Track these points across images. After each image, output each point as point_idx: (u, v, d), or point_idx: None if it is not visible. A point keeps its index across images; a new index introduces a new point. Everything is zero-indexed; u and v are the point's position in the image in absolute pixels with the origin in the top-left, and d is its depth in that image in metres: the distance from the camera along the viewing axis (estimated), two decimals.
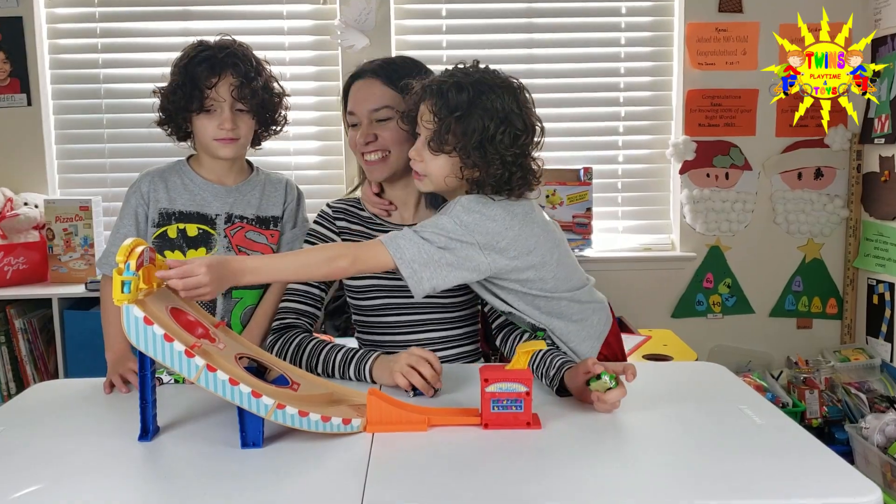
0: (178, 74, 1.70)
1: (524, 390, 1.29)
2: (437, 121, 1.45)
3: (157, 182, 1.77)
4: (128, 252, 1.22)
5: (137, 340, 1.20)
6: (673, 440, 1.28)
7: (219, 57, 1.69)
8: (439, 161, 1.48)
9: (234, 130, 1.71)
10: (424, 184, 1.53)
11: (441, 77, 1.49)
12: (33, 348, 2.78)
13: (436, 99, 1.45)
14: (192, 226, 1.76)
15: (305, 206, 1.91)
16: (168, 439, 1.28)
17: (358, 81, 1.69)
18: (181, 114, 1.71)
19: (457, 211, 1.45)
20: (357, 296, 1.70)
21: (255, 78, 1.72)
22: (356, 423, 1.28)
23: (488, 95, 1.43)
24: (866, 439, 2.46)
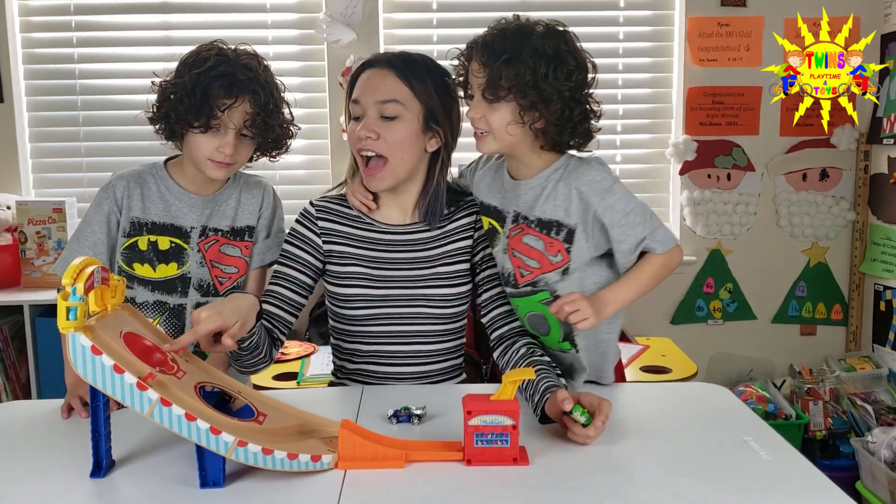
0: (188, 80, 1.54)
1: (510, 423, 1.20)
2: (487, 71, 1.45)
3: (133, 187, 1.66)
4: (76, 273, 1.12)
5: (85, 372, 1.11)
6: (671, 478, 1.19)
7: (239, 78, 1.54)
8: (498, 111, 1.47)
9: (233, 156, 1.59)
10: (488, 142, 1.52)
11: (481, 34, 1.50)
12: (4, 357, 2.68)
13: (482, 50, 1.47)
14: (164, 238, 1.65)
15: (283, 214, 1.80)
16: (123, 475, 1.20)
17: (370, 70, 1.56)
18: (181, 123, 1.57)
19: (612, 192, 1.51)
20: (342, 304, 1.59)
21: (272, 110, 1.60)
22: (326, 460, 1.19)
23: (534, 37, 1.46)
24: (873, 454, 2.38)
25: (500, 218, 1.60)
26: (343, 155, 2.96)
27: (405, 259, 1.60)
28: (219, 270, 1.69)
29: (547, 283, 1.55)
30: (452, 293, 1.60)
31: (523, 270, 1.56)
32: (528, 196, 1.54)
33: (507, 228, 1.58)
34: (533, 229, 1.54)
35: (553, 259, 1.54)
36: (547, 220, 1.53)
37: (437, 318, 1.60)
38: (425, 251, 1.61)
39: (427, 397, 1.45)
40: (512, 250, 1.57)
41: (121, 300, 1.26)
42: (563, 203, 1.51)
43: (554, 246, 1.54)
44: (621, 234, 1.50)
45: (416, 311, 1.59)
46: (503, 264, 1.59)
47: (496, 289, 1.62)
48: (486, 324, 1.62)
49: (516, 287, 1.58)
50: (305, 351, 2.60)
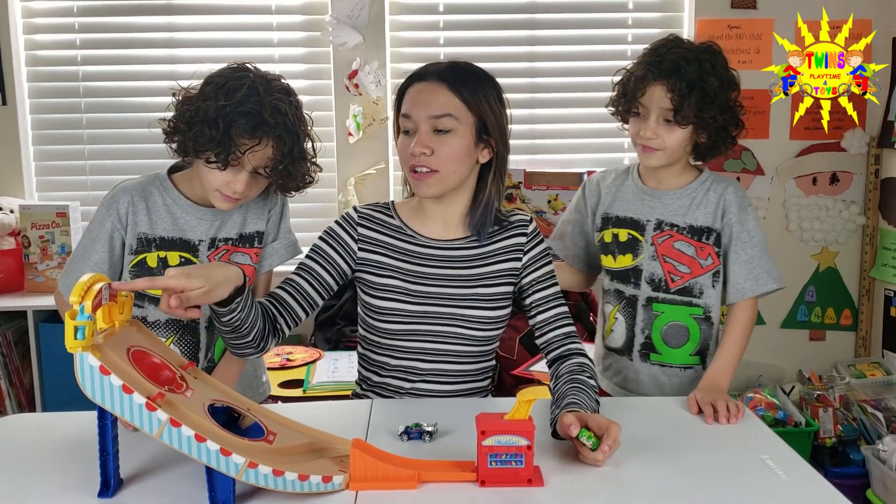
0: (213, 108, 1.43)
1: (525, 444, 1.18)
2: (676, 98, 1.58)
3: (138, 202, 1.58)
4: (83, 291, 1.10)
5: (93, 393, 1.09)
6: (687, 499, 1.18)
7: (265, 119, 1.43)
8: (677, 133, 1.62)
9: (244, 192, 1.50)
10: (657, 158, 1.66)
11: (660, 57, 1.62)
12: (8, 362, 2.67)
13: (673, 79, 1.58)
14: (173, 254, 1.59)
15: (289, 215, 1.74)
16: (131, 495, 1.18)
17: (419, 83, 1.51)
18: (196, 152, 1.47)
19: (748, 215, 1.69)
20: (376, 316, 1.56)
21: (296, 156, 1.49)
22: (337, 481, 1.17)
23: (709, 61, 1.60)
24: (884, 462, 2.36)
25: (638, 227, 1.74)
26: (348, 157, 2.94)
27: (444, 276, 1.56)
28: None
29: (701, 288, 1.70)
30: (490, 316, 1.56)
31: (674, 275, 1.71)
32: (677, 205, 1.71)
33: (649, 236, 1.72)
34: (684, 235, 1.70)
35: (703, 263, 1.70)
36: (699, 227, 1.70)
37: (472, 340, 1.57)
38: (467, 269, 1.57)
39: (438, 413, 1.43)
40: (662, 256, 1.71)
41: (128, 316, 1.24)
42: (712, 210, 1.69)
43: (704, 250, 1.70)
44: (741, 251, 1.67)
45: (450, 329, 1.55)
46: (652, 270, 1.72)
47: (554, 310, 1.57)
48: (542, 346, 1.58)
49: (667, 292, 1.71)
50: (311, 357, 2.58)
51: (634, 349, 1.75)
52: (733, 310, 1.68)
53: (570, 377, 1.46)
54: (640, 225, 1.73)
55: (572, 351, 1.54)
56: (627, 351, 1.77)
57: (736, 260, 1.67)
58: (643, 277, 1.72)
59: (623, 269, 1.75)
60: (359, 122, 2.90)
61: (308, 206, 3.00)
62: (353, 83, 2.88)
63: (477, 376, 1.62)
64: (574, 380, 1.44)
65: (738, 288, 1.67)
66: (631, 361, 1.76)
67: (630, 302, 1.75)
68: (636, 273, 1.73)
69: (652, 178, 1.74)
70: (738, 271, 1.67)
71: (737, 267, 1.67)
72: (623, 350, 1.78)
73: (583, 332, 2.68)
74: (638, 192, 1.75)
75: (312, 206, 2.98)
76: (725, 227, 1.68)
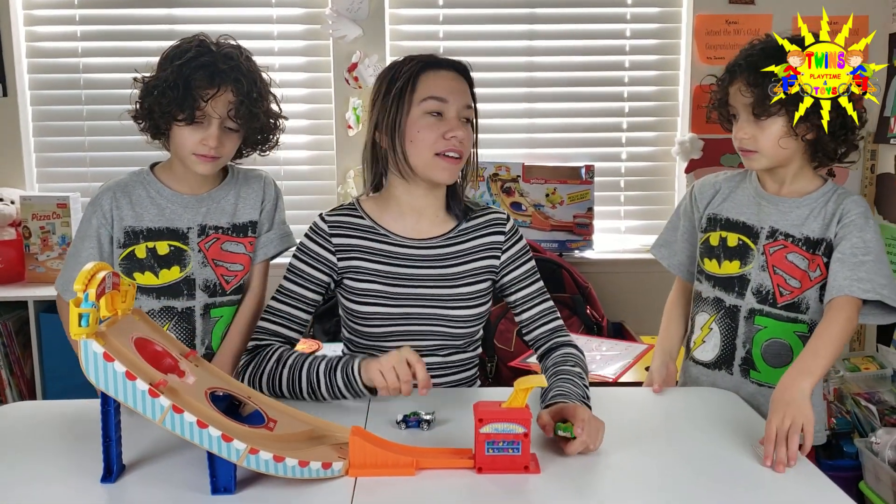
0: (170, 72, 1.51)
1: (522, 431, 1.20)
2: (753, 90, 1.51)
3: (121, 197, 1.62)
4: (87, 279, 1.11)
5: (97, 379, 1.11)
6: (681, 484, 1.20)
7: (220, 67, 1.52)
8: (769, 129, 1.53)
9: (218, 149, 1.55)
10: (757, 160, 1.57)
11: (738, 55, 1.57)
12: (9, 352, 2.68)
13: (748, 72, 1.53)
14: (162, 243, 1.62)
15: (284, 205, 1.77)
16: (133, 481, 1.19)
17: (442, 71, 1.51)
18: (164, 117, 1.54)
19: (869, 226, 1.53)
20: (358, 321, 1.57)
21: (256, 99, 1.56)
22: (337, 468, 1.19)
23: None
24: (876, 454, 2.37)
25: (751, 233, 1.63)
26: (348, 150, 2.96)
27: (424, 276, 1.57)
28: (223, 269, 1.66)
29: (809, 303, 1.58)
30: (471, 314, 1.58)
31: (783, 289, 1.59)
32: (795, 214, 1.59)
33: (761, 244, 1.61)
34: (799, 247, 1.58)
35: (812, 275, 1.57)
36: (815, 239, 1.57)
37: (454, 337, 1.59)
38: (445, 268, 1.58)
39: (436, 402, 1.45)
40: (773, 267, 1.60)
41: (131, 305, 1.25)
42: (829, 221, 1.55)
43: (815, 262, 1.57)
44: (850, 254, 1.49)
45: (433, 329, 1.57)
46: (761, 281, 1.61)
47: (539, 307, 1.60)
48: (530, 342, 1.61)
49: (774, 306, 1.60)
50: (311, 348, 2.60)
51: (735, 363, 1.64)
52: (828, 307, 1.48)
53: (556, 369, 1.48)
54: (754, 231, 1.62)
55: (559, 343, 1.57)
56: (725, 365, 1.65)
57: (840, 259, 1.50)
58: (749, 288, 1.61)
59: (728, 277, 1.64)
60: (358, 115, 2.91)
61: (308, 199, 3.02)
62: (353, 76, 2.90)
63: (464, 366, 1.64)
64: (558, 371, 1.47)
65: (838, 284, 1.48)
66: (731, 376, 1.64)
67: (730, 312, 1.64)
68: (742, 282, 1.62)
69: (772, 182, 1.63)
70: (841, 270, 1.49)
71: (839, 265, 1.49)
72: (715, 364, 1.67)
73: (579, 326, 2.70)
74: (755, 195, 1.64)
75: (313, 199, 3.01)
76: (840, 231, 1.53)
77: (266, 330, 1.55)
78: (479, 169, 1.65)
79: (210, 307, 1.65)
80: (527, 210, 2.98)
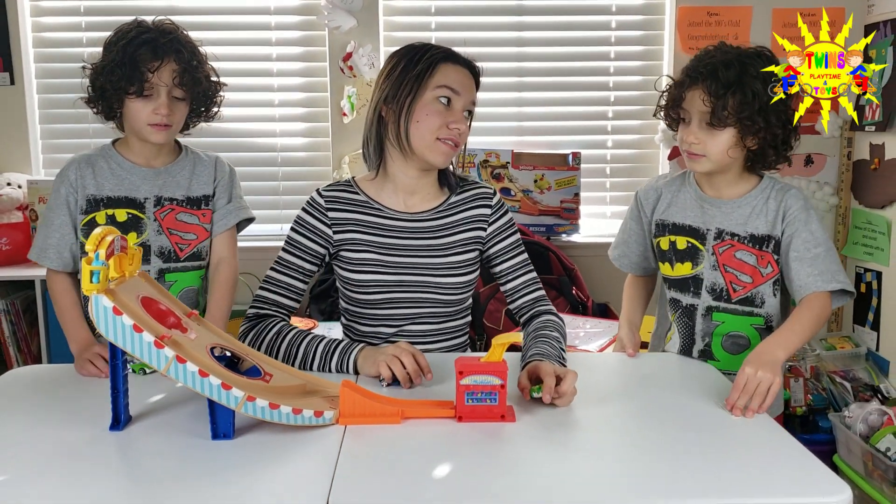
0: (116, 53, 1.66)
1: (499, 383, 1.29)
2: (713, 100, 1.55)
3: (84, 168, 1.76)
4: (98, 241, 1.20)
5: (107, 330, 1.19)
6: (648, 436, 1.28)
7: (161, 41, 1.67)
8: (720, 137, 1.58)
9: (169, 117, 1.70)
10: (702, 164, 1.62)
11: (698, 62, 1.60)
12: (16, 330, 2.77)
13: (709, 81, 1.55)
14: (120, 211, 1.76)
15: (240, 182, 1.91)
16: (139, 429, 1.28)
17: (460, 67, 1.62)
18: (116, 94, 1.67)
19: (812, 217, 1.62)
20: (355, 289, 1.66)
21: (196, 67, 1.72)
22: (328, 416, 1.28)
23: (752, 64, 1.55)
24: (849, 428, 2.45)
25: (698, 235, 1.69)
26: (343, 136, 3.04)
27: (416, 246, 1.65)
28: (178, 237, 1.79)
29: (763, 298, 1.65)
30: (460, 282, 1.67)
31: (735, 285, 1.66)
32: (738, 214, 1.66)
33: (709, 245, 1.68)
34: (746, 245, 1.65)
35: (764, 271, 1.65)
36: (760, 236, 1.64)
37: (445, 304, 1.68)
38: (435, 239, 1.67)
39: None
40: (723, 266, 1.67)
41: (138, 268, 1.34)
42: (772, 218, 1.63)
43: (765, 258, 1.64)
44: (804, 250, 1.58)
45: (425, 296, 1.65)
46: (714, 280, 1.68)
47: (522, 277, 1.69)
48: (514, 311, 1.71)
49: (729, 301, 1.67)
50: (307, 327, 2.67)
51: (693, 356, 1.71)
52: (803, 300, 1.57)
53: (535, 333, 1.58)
54: (700, 234, 1.68)
55: (540, 311, 1.66)
56: (686, 356, 1.73)
57: (798, 258, 1.58)
58: (704, 287, 1.68)
59: (682, 278, 1.71)
60: (353, 103, 2.99)
61: (304, 185, 3.11)
62: (348, 65, 2.98)
63: (453, 333, 1.73)
64: (538, 335, 1.56)
65: (804, 283, 1.57)
66: None
67: (687, 311, 1.71)
68: (696, 282, 1.69)
69: (710, 187, 1.69)
70: (801, 269, 1.58)
71: (799, 264, 1.58)
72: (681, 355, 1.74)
73: (565, 306, 2.79)
74: (697, 199, 1.70)
75: (309, 184, 3.10)
76: (787, 229, 1.61)
77: (265, 299, 1.64)
78: (470, 156, 1.75)
79: (165, 272, 1.79)
80: (516, 195, 3.07)
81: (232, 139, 3.10)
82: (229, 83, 1.86)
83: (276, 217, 3.15)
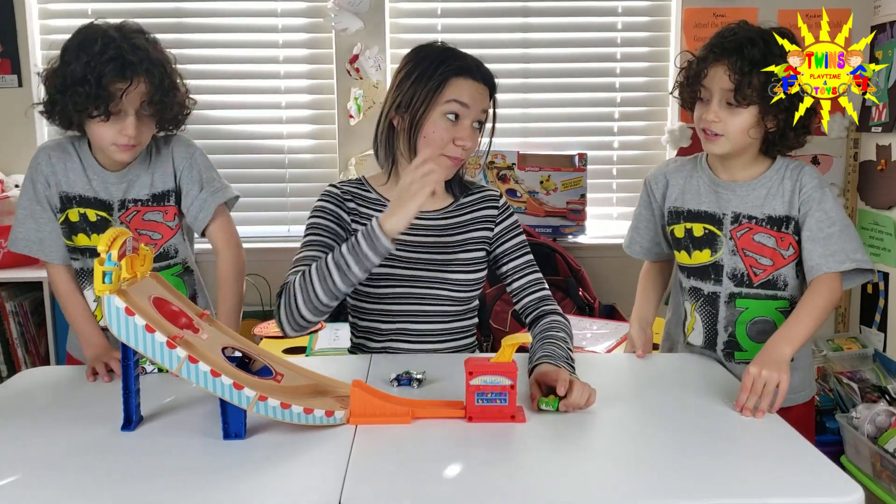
0: (77, 67, 1.49)
1: (509, 383, 1.29)
2: (737, 77, 1.51)
3: (56, 159, 1.66)
4: (110, 241, 1.21)
5: (119, 331, 1.19)
6: (657, 436, 1.28)
7: (129, 59, 1.51)
8: (740, 117, 1.55)
9: (136, 137, 1.58)
10: (720, 144, 1.58)
11: (722, 38, 1.56)
12: (24, 331, 2.77)
13: (734, 57, 1.52)
14: (91, 211, 1.68)
15: (208, 163, 1.75)
16: (151, 429, 1.28)
17: (475, 82, 1.60)
18: (78, 114, 1.53)
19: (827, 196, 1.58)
20: (368, 283, 1.65)
21: (168, 87, 1.58)
22: (339, 416, 1.28)
23: (775, 43, 1.50)
24: (857, 429, 2.45)
25: (715, 221, 1.66)
26: (349, 138, 3.05)
27: (427, 243, 1.67)
28: (147, 237, 1.70)
29: (786, 280, 1.63)
30: (469, 279, 1.68)
31: (756, 269, 1.63)
32: (754, 196, 1.62)
33: (727, 230, 1.65)
34: (764, 227, 1.62)
35: (785, 253, 1.62)
36: (778, 217, 1.61)
37: (453, 301, 1.68)
38: (446, 237, 1.68)
39: (427, 363, 1.54)
40: (742, 250, 1.63)
41: (149, 268, 1.35)
42: (788, 198, 1.60)
43: (785, 240, 1.61)
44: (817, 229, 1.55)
45: (435, 292, 1.66)
46: (734, 265, 1.64)
47: (527, 277, 1.69)
48: (520, 310, 1.70)
49: (751, 286, 1.64)
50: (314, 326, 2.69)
51: (718, 348, 1.68)
52: (811, 283, 1.54)
53: (543, 334, 1.57)
54: (717, 219, 1.65)
55: (546, 311, 1.66)
56: (710, 349, 1.70)
57: (811, 238, 1.56)
58: (724, 273, 1.65)
59: (702, 266, 1.68)
60: (359, 105, 3.00)
61: (311, 186, 3.12)
62: (354, 67, 2.98)
63: (461, 334, 1.73)
64: (545, 336, 1.55)
65: (814, 264, 1.54)
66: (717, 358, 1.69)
67: (710, 300, 1.68)
68: (716, 269, 1.65)
69: (724, 170, 1.66)
70: (814, 249, 1.55)
71: (812, 245, 1.55)
72: (704, 347, 1.71)
73: (572, 307, 2.79)
74: (710, 184, 1.67)
75: (315, 186, 3.10)
76: (801, 208, 1.58)
77: (308, 258, 1.58)
78: (475, 157, 1.75)
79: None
80: (522, 197, 3.07)
81: (239, 141, 3.10)
82: (236, 85, 1.83)
83: (282, 218, 3.16)
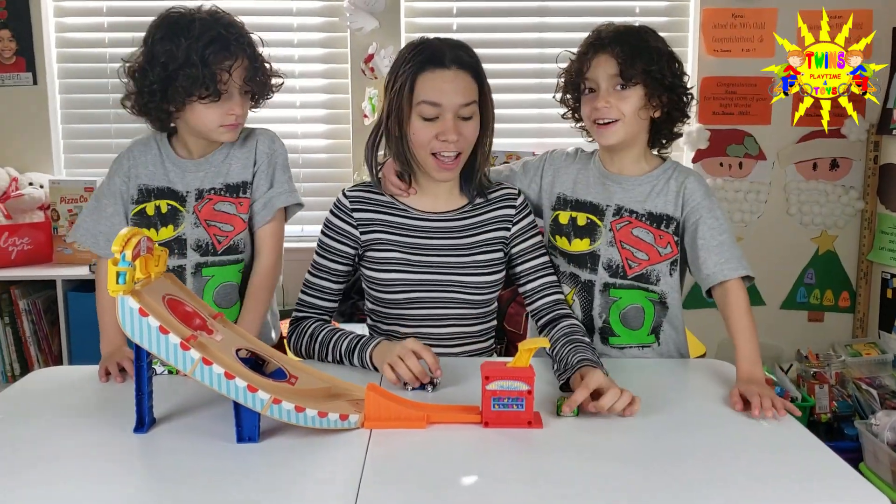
0: (178, 52, 1.52)
1: (526, 389, 1.27)
2: (622, 59, 1.58)
3: (139, 155, 1.70)
4: (124, 242, 1.19)
5: (132, 332, 1.18)
6: (676, 442, 1.26)
7: (229, 38, 1.55)
8: (629, 99, 1.60)
9: (243, 115, 1.63)
10: (615, 131, 1.62)
11: (600, 32, 1.64)
12: (37, 329, 2.78)
13: (616, 45, 1.59)
14: (163, 202, 1.69)
15: (285, 161, 1.75)
16: (164, 432, 1.27)
17: (442, 71, 1.52)
18: (183, 99, 1.54)
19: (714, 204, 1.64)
20: (381, 289, 1.64)
21: (261, 62, 1.63)
22: (353, 419, 1.26)
23: (648, 32, 1.63)
24: (876, 436, 2.42)
25: (597, 212, 1.70)
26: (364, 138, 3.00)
27: (442, 246, 1.64)
28: (216, 229, 1.69)
29: (658, 276, 1.67)
30: (487, 281, 1.65)
31: (631, 262, 1.67)
32: (638, 191, 1.67)
33: (608, 221, 1.68)
34: (643, 222, 1.66)
35: (662, 251, 1.66)
36: (658, 214, 1.66)
37: (471, 304, 1.66)
38: (461, 239, 1.65)
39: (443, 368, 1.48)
40: (620, 242, 1.67)
41: (163, 269, 1.33)
42: (672, 199, 1.65)
43: (664, 238, 1.66)
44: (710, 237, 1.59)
45: (451, 296, 1.64)
46: (610, 256, 1.68)
47: (542, 279, 1.67)
48: (532, 312, 1.68)
49: (625, 278, 1.67)
50: None
51: (594, 334, 1.71)
52: (727, 295, 1.57)
53: (568, 339, 1.53)
54: (600, 210, 1.69)
55: (560, 315, 1.64)
56: (588, 333, 1.68)
57: (705, 246, 1.59)
58: (601, 263, 1.68)
59: (580, 254, 1.71)
60: (374, 104, 2.99)
61: (326, 186, 3.11)
62: (369, 67, 2.97)
63: (479, 337, 1.71)
64: (572, 340, 1.53)
65: (716, 270, 1.58)
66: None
67: (586, 287, 1.70)
68: (593, 258, 1.69)
69: (614, 164, 1.70)
70: (709, 257, 1.59)
71: (706, 253, 1.59)
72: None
73: None
74: (600, 176, 1.71)
75: (330, 186, 3.10)
76: (690, 214, 1.63)
77: (305, 302, 1.66)
78: (491, 158, 1.71)
79: (202, 266, 1.70)
80: None
81: None
82: None
83: (297, 218, 3.08)
